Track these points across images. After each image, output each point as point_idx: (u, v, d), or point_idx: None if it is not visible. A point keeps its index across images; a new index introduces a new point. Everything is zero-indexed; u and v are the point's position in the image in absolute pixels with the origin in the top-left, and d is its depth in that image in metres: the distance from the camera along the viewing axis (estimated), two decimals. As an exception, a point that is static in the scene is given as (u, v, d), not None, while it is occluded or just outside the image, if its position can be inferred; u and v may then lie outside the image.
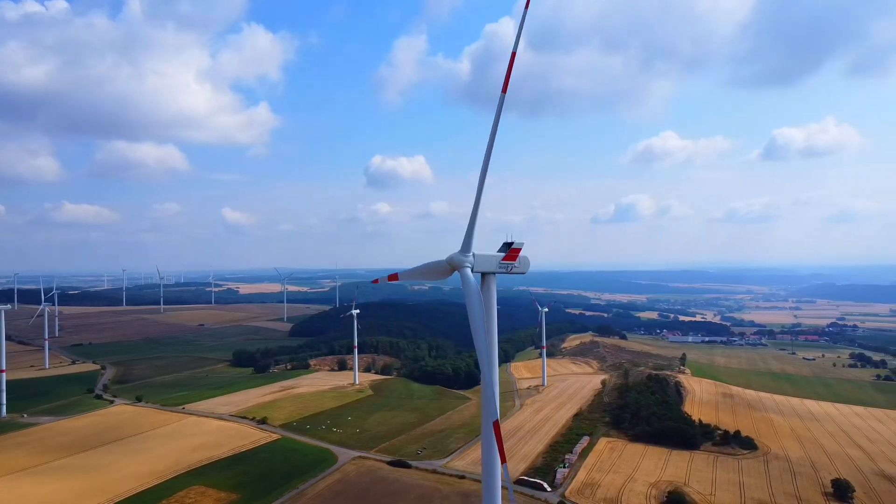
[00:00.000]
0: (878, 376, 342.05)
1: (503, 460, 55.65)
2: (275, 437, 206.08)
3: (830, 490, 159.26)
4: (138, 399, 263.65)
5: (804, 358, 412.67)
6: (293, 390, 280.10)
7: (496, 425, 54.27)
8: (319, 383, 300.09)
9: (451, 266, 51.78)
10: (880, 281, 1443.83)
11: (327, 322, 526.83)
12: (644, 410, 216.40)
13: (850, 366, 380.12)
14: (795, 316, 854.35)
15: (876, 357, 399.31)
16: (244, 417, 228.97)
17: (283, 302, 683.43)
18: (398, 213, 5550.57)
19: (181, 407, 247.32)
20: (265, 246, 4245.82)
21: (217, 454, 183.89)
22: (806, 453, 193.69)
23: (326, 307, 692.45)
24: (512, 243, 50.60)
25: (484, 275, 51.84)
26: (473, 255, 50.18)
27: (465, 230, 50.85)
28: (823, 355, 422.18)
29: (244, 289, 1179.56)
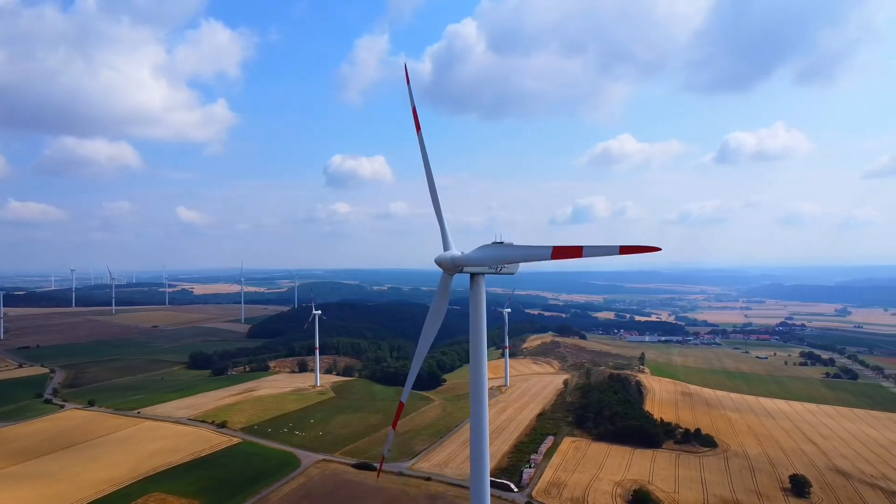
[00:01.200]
0: (828, 374, 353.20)
1: (393, 427, 59.49)
2: (235, 440, 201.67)
3: (788, 486, 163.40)
4: (91, 403, 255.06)
5: (757, 357, 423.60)
6: (253, 393, 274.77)
7: (400, 406, 56.86)
8: (280, 385, 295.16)
9: (439, 265, 50.69)
10: (825, 282, 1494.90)
11: (286, 323, 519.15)
12: (607, 410, 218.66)
13: (801, 364, 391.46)
14: (746, 316, 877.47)
15: (825, 356, 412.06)
16: (203, 421, 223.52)
17: (239, 303, 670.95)
18: (357, 213, 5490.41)
19: (136, 411, 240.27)
20: (220, 246, 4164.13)
21: (176, 459, 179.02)
22: (763, 450, 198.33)
23: (285, 308, 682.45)
24: (501, 243, 49.60)
25: (473, 275, 50.72)
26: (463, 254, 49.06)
27: (473, 250, 49.64)
28: (775, 354, 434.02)
29: (199, 289, 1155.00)
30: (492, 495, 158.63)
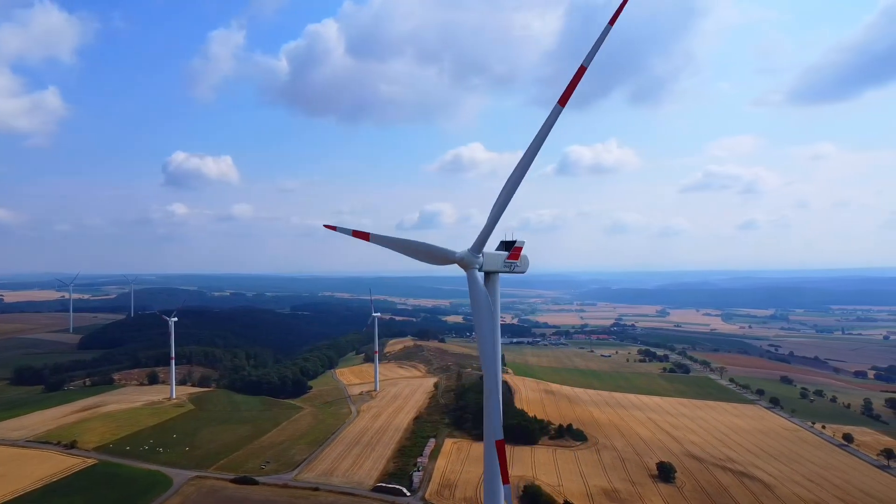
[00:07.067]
0: (664, 369, 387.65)
1: (505, 481, 49.92)
2: (90, 461, 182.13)
3: (656, 473, 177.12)
4: None
5: (602, 355, 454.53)
6: (100, 408, 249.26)
7: (500, 445, 49.86)
8: (130, 399, 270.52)
9: (458, 264, 49.10)
10: (646, 285, 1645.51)
11: (125, 332, 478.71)
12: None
13: (640, 361, 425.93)
14: (581, 317, 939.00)
15: (659, 353, 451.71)
16: (46, 442, 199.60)
17: (63, 311, 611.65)
18: (196, 214, 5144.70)
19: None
20: (35, 248, 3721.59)
21: (22, 487, 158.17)
22: (627, 441, 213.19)
23: (119, 316, 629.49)
24: (514, 242, 49.19)
25: (488, 274, 49.77)
26: (483, 254, 47.99)
27: (481, 231, 48.17)
28: (617, 352, 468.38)
29: (10, 296, 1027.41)
30: (385, 502, 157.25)
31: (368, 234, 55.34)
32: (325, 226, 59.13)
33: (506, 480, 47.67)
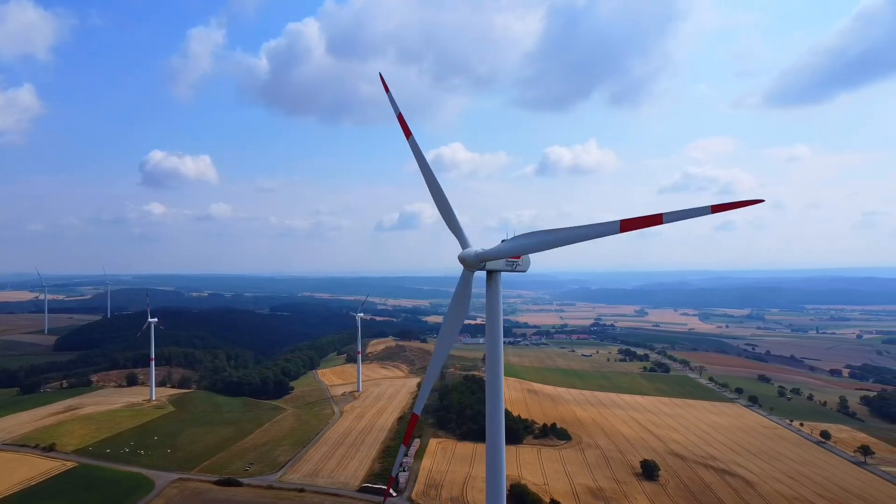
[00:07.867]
0: (645, 368, 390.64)
1: (405, 443, 57.74)
2: (70, 464, 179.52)
3: (640, 471, 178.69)
4: None
5: (583, 355, 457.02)
6: (79, 411, 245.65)
7: (413, 418, 55.05)
8: (109, 401, 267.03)
9: (460, 260, 49.30)
10: (625, 286, 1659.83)
11: (102, 333, 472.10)
12: (468, 410, 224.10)
13: (621, 360, 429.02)
14: (561, 317, 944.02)
15: (639, 352, 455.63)
16: (24, 445, 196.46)
17: (37, 312, 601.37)
18: (174, 214, 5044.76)
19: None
20: (8, 248, 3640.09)
21: (1, 491, 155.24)
22: (610, 440, 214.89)
23: (95, 317, 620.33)
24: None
25: (490, 273, 49.95)
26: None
27: (494, 248, 48.27)
28: (597, 352, 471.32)
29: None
30: (371, 502, 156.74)
31: (411, 132, 53.84)
32: (382, 77, 54.83)
33: (406, 442, 60.32)
